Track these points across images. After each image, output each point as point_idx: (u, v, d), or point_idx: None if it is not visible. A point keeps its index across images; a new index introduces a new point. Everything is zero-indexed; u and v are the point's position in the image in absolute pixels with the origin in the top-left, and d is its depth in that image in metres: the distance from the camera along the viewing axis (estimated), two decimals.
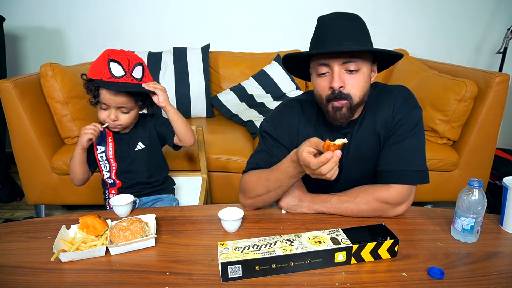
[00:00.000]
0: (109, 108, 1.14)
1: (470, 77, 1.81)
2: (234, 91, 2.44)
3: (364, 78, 0.93)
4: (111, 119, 1.14)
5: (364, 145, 1.01)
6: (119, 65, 1.08)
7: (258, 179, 0.98)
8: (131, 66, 1.10)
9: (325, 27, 0.94)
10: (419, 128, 0.98)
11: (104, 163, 1.24)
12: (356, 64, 0.90)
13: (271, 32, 2.68)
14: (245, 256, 0.73)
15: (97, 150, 1.23)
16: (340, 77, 0.90)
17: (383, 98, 1.01)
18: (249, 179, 1.01)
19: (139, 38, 2.65)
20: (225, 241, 0.78)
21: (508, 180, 0.90)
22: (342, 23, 0.92)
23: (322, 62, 0.91)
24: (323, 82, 0.94)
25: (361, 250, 0.77)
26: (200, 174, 1.63)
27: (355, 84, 0.91)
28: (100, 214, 0.92)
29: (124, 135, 1.24)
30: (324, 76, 0.93)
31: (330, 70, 0.91)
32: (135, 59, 1.12)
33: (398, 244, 0.79)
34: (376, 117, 1.00)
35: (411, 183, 0.96)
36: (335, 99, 0.92)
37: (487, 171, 1.94)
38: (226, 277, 0.72)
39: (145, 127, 1.27)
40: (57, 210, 2.18)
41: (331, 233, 0.80)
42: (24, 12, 2.57)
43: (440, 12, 2.65)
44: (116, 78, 1.07)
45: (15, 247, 0.86)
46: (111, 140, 1.23)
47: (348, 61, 0.89)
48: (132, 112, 1.18)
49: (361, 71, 0.91)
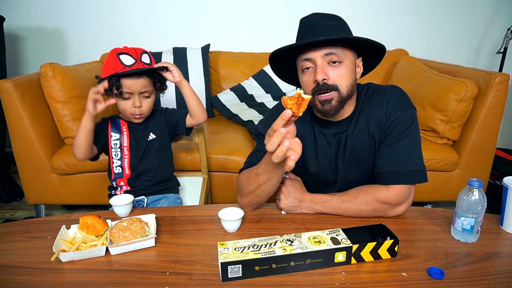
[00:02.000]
0: (132, 97, 1.19)
1: (470, 77, 1.81)
2: (234, 91, 2.44)
3: (347, 70, 0.93)
4: (137, 105, 1.20)
5: (360, 146, 1.02)
6: (128, 55, 1.15)
7: (249, 175, 0.97)
8: (139, 54, 1.17)
9: (305, 25, 0.97)
10: (414, 127, 0.98)
11: (117, 151, 1.27)
12: (338, 56, 0.91)
13: (271, 32, 2.68)
14: (245, 256, 0.73)
15: (111, 137, 1.27)
16: (322, 69, 0.91)
17: (376, 99, 1.01)
18: (241, 177, 1.01)
19: (139, 38, 2.65)
20: (225, 241, 0.78)
21: (508, 180, 0.90)
22: (322, 21, 0.95)
23: (305, 57, 0.93)
24: (307, 76, 0.95)
25: (361, 250, 0.77)
26: (200, 174, 1.63)
27: (339, 75, 0.92)
28: (100, 214, 0.92)
29: (139, 125, 1.30)
30: (308, 70, 0.95)
31: (313, 64, 0.93)
32: (140, 49, 1.20)
33: (398, 244, 0.79)
34: (369, 118, 1.00)
35: (410, 183, 0.96)
36: (321, 91, 0.92)
37: (487, 171, 1.94)
38: (226, 277, 0.72)
39: (156, 119, 1.33)
40: (57, 210, 2.18)
41: (331, 233, 0.80)
42: (24, 12, 2.57)
43: (440, 12, 2.65)
44: (129, 66, 1.14)
45: (15, 247, 0.86)
46: (126, 129, 1.28)
47: (330, 53, 0.91)
48: (152, 97, 1.25)
49: (344, 63, 0.93)
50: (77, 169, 1.81)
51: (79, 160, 1.23)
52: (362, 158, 1.02)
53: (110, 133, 1.27)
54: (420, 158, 0.98)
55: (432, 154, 1.84)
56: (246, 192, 0.98)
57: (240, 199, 1.02)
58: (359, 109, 1.02)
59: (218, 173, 1.88)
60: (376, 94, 1.01)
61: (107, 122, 1.29)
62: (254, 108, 2.33)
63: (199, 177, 1.62)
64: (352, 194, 0.97)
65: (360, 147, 1.01)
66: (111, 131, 1.28)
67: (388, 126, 0.98)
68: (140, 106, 1.21)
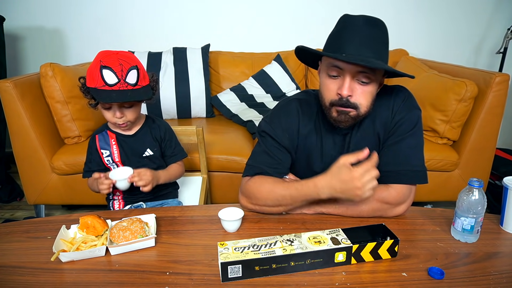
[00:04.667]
0: (112, 107, 1.11)
1: (470, 77, 1.81)
2: (234, 91, 2.44)
3: (373, 90, 0.92)
4: (117, 116, 1.11)
5: (364, 145, 1.01)
6: (112, 71, 1.03)
7: (270, 192, 0.96)
8: (125, 72, 1.05)
9: (348, 29, 0.91)
10: (418, 128, 0.98)
11: (113, 165, 1.22)
12: (369, 77, 0.89)
13: (271, 32, 2.68)
14: (245, 256, 0.73)
15: (102, 154, 1.21)
16: (350, 86, 0.89)
17: (382, 98, 1.00)
18: (258, 188, 0.98)
19: (139, 38, 2.65)
20: (225, 241, 0.78)
21: (508, 180, 0.90)
22: (365, 30, 0.88)
23: (336, 64, 0.89)
24: (332, 85, 0.92)
25: (361, 250, 0.77)
26: (200, 174, 1.63)
27: (363, 95, 0.91)
28: (100, 214, 0.92)
29: (128, 138, 1.21)
30: (334, 78, 0.91)
31: (342, 75, 0.90)
32: (128, 63, 1.06)
33: (398, 244, 0.79)
34: (375, 117, 1.00)
35: (411, 183, 0.96)
36: (341, 106, 0.91)
37: (487, 171, 1.94)
38: (226, 277, 0.72)
39: (154, 135, 1.25)
40: (57, 210, 2.18)
41: (331, 233, 0.80)
42: (24, 12, 2.57)
43: (440, 12, 2.65)
44: (110, 86, 1.04)
45: (15, 247, 0.86)
46: (114, 142, 1.21)
47: (363, 72, 0.87)
48: (136, 106, 1.15)
49: (372, 84, 0.91)
50: (77, 169, 1.81)
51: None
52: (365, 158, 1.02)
53: (100, 151, 1.20)
54: (422, 159, 0.98)
55: (432, 154, 1.84)
56: (262, 204, 0.98)
57: (247, 203, 1.01)
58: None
59: (218, 173, 1.88)
60: (383, 94, 1.01)
61: (94, 140, 1.21)
62: (254, 108, 2.33)
63: (199, 177, 1.62)
64: None
65: (365, 145, 1.01)
66: (100, 148, 1.20)
67: (393, 126, 0.98)
68: (122, 117, 1.12)
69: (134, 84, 1.07)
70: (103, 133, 1.22)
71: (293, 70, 2.51)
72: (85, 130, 1.90)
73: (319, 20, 2.59)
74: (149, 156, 1.23)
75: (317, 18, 2.60)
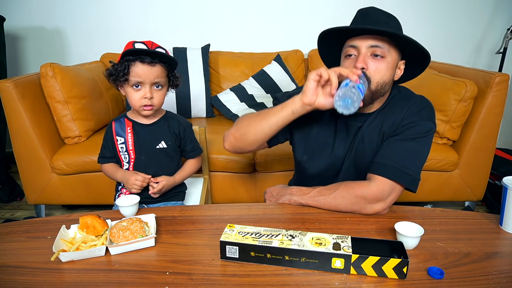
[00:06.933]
0: (143, 87, 1.13)
1: (470, 77, 1.81)
2: (234, 91, 2.44)
3: (387, 66, 0.94)
4: (147, 97, 1.13)
5: (368, 142, 1.01)
6: (144, 44, 1.12)
7: (247, 115, 1.08)
8: (154, 47, 1.13)
9: (361, 14, 0.98)
10: (426, 139, 0.97)
11: (124, 154, 1.23)
12: (382, 50, 0.93)
13: (271, 32, 2.68)
14: (243, 240, 0.77)
15: (117, 141, 1.23)
16: (364, 59, 0.93)
17: (401, 103, 1.01)
18: (241, 118, 1.10)
19: (139, 38, 2.61)
20: (234, 224, 0.82)
21: (508, 180, 0.90)
22: (378, 15, 0.96)
23: (351, 44, 0.95)
24: (349, 63, 0.97)
25: (362, 262, 0.73)
26: (201, 174, 1.63)
27: (377, 69, 0.94)
28: (100, 214, 0.92)
29: (144, 127, 1.23)
30: (350, 58, 0.97)
31: (357, 53, 0.95)
32: (156, 44, 1.16)
33: (407, 265, 0.71)
34: (387, 119, 1.00)
35: (394, 180, 0.93)
36: None
37: (487, 171, 1.94)
38: (224, 255, 0.78)
39: (172, 129, 1.26)
40: (57, 210, 2.18)
41: (337, 239, 0.77)
42: (24, 12, 2.57)
43: (440, 12, 2.65)
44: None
45: (15, 247, 0.86)
46: (130, 130, 1.23)
47: (375, 45, 0.92)
48: (164, 89, 1.19)
49: (386, 59, 0.94)
50: (77, 169, 1.81)
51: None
52: (366, 155, 1.02)
53: (115, 138, 1.23)
54: (418, 168, 0.96)
55: (432, 154, 1.82)
56: (237, 124, 1.08)
57: (226, 135, 1.11)
58: (383, 108, 1.03)
59: (218, 173, 1.88)
60: (403, 99, 1.02)
61: (111, 126, 1.24)
62: (254, 108, 2.33)
63: (200, 177, 1.62)
64: (332, 188, 0.97)
65: (368, 142, 1.02)
66: (116, 135, 1.23)
67: (401, 127, 0.98)
68: (151, 98, 1.14)
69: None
70: (120, 120, 1.25)
71: (293, 70, 2.51)
72: (85, 130, 1.90)
73: (319, 20, 2.59)
74: (162, 148, 1.24)
75: (317, 18, 2.61)
